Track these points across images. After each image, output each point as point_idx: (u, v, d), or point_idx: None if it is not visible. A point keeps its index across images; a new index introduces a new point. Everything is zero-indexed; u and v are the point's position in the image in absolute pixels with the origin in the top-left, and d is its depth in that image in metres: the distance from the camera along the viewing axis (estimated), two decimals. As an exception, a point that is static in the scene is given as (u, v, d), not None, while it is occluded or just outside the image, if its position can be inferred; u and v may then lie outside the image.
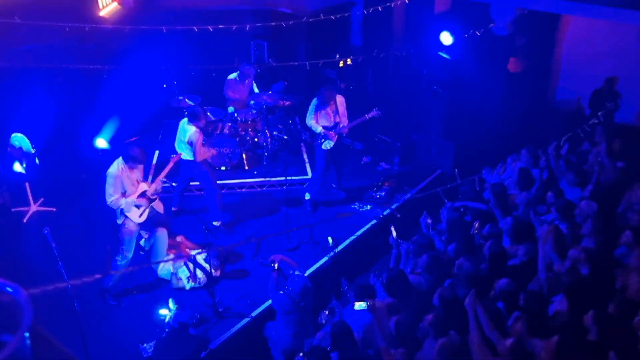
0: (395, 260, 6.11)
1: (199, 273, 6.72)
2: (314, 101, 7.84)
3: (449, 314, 4.68)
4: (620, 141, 7.47)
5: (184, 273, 6.75)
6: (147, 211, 6.56)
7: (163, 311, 6.16)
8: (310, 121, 7.84)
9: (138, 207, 6.46)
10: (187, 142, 7.22)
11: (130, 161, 6.32)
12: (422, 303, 5.17)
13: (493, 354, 4.40)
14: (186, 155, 7.34)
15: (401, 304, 5.14)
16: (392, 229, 6.22)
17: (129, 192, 6.37)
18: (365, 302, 4.86)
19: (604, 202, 6.24)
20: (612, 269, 5.25)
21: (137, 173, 6.47)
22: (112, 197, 6.26)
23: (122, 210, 6.36)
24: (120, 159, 6.33)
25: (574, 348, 4.25)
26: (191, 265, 6.70)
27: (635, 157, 7.22)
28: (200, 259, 6.77)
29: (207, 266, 6.65)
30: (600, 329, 4.40)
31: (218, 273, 6.91)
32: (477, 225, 6.23)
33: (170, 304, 6.17)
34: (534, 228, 5.95)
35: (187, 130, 7.23)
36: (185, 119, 7.36)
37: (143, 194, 6.48)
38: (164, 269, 6.86)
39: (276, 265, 5.88)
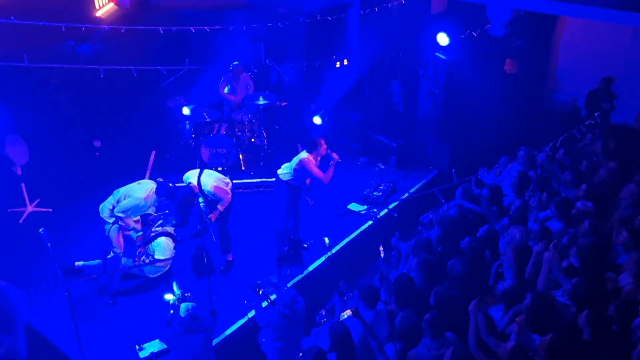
0: (385, 266, 6.13)
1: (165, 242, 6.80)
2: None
3: (444, 314, 4.69)
4: (616, 141, 7.49)
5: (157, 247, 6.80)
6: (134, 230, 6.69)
7: (168, 296, 5.98)
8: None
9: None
10: None
11: (165, 196, 6.40)
12: (418, 303, 5.18)
13: (488, 357, 4.42)
14: None
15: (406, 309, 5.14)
16: (381, 249, 6.26)
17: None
18: (349, 310, 4.89)
19: (600, 202, 6.26)
20: (607, 270, 5.26)
21: None
22: (121, 214, 6.34)
23: (115, 215, 6.40)
24: (153, 188, 6.37)
25: (568, 346, 4.26)
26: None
27: (631, 158, 7.25)
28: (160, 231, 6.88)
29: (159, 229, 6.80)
30: (594, 329, 4.42)
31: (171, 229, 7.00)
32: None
33: (175, 287, 6.11)
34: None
35: None
36: None
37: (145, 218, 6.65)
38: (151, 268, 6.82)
39: (261, 291, 5.86)
